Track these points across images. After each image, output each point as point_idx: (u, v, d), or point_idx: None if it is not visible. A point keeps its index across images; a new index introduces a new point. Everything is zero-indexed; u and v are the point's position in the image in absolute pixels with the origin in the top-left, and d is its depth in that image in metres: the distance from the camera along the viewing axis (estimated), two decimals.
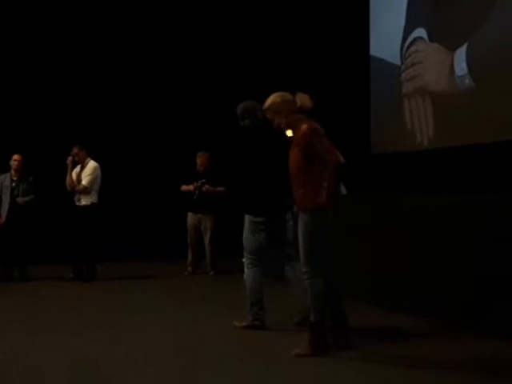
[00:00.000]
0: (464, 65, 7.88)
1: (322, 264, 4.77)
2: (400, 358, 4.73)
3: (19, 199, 9.10)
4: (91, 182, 9.03)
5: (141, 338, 5.50)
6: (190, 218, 9.53)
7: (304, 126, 4.75)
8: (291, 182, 4.86)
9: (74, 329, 5.91)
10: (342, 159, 4.66)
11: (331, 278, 4.85)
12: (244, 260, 5.86)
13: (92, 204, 9.02)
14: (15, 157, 9.24)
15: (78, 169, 9.14)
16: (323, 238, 4.74)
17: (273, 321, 5.76)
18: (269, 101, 5.05)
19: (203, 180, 9.31)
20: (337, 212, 4.78)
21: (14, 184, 9.18)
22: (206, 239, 9.46)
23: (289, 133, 7.21)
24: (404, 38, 9.17)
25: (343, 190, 4.86)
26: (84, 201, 9.02)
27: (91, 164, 9.14)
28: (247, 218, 5.77)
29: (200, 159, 9.52)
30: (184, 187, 9.46)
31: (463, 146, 7.81)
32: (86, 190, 9.00)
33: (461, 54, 7.93)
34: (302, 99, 4.95)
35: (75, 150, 9.10)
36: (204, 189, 9.29)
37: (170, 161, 11.24)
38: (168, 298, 7.60)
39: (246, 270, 5.80)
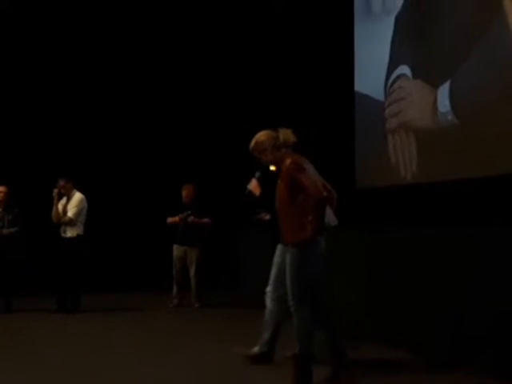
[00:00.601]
0: (447, 102, 8.01)
1: (310, 298, 4.80)
2: None
3: (4, 230, 9.10)
4: (77, 214, 9.04)
5: (122, 373, 5.47)
6: (176, 250, 9.54)
7: (288, 161, 4.86)
8: (278, 216, 4.91)
9: (54, 364, 5.87)
10: (324, 193, 4.73)
11: (324, 313, 4.90)
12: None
13: (78, 236, 9.02)
14: (0, 188, 9.26)
15: (63, 200, 9.15)
16: (311, 271, 4.79)
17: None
18: (253, 141, 5.17)
19: (189, 211, 9.36)
20: (327, 243, 4.85)
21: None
22: (192, 271, 9.46)
23: (272, 167, 7.34)
24: (388, 75, 9.31)
25: (334, 221, 4.90)
26: (70, 233, 9.03)
27: (77, 196, 9.16)
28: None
29: (185, 191, 9.59)
30: (170, 219, 9.50)
31: (446, 182, 7.90)
32: (71, 222, 9.01)
33: (444, 90, 8.06)
34: (285, 134, 5.07)
35: (61, 183, 9.13)
36: (190, 220, 9.34)
37: (156, 193, 11.27)
38: (153, 331, 7.58)
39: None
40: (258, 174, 5.71)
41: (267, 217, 6.11)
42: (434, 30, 8.44)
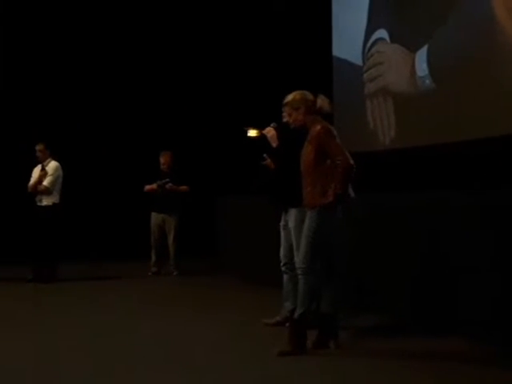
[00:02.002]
0: (425, 65, 7.98)
1: (322, 264, 4.80)
2: (382, 353, 4.78)
3: None
4: (53, 183, 8.92)
5: (100, 342, 5.44)
6: (154, 217, 9.48)
7: (318, 126, 4.87)
8: (301, 178, 4.92)
9: (29, 328, 5.84)
10: (352, 162, 4.75)
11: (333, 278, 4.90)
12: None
13: (53, 204, 8.90)
14: None
15: (38, 168, 9.03)
16: (326, 237, 4.81)
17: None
18: (290, 96, 5.09)
19: (167, 179, 9.27)
20: (346, 214, 4.84)
21: None
22: (170, 239, 9.40)
23: (252, 133, 7.28)
24: (366, 39, 9.25)
25: (351, 193, 4.89)
26: (45, 201, 8.91)
27: (52, 164, 9.02)
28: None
29: (163, 158, 9.49)
30: (147, 187, 9.42)
31: (424, 146, 7.90)
32: (47, 191, 8.90)
33: (422, 54, 8.03)
34: (323, 102, 5.04)
35: (40, 147, 8.99)
36: (168, 187, 9.26)
37: (133, 160, 11.18)
38: (130, 299, 7.53)
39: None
40: (274, 124, 5.65)
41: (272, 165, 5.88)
42: None
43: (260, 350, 4.93)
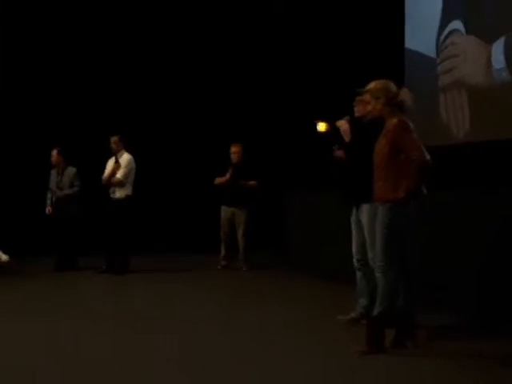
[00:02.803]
0: (502, 58, 7.77)
1: (398, 260, 4.70)
2: (461, 353, 4.67)
3: (59, 192, 9.45)
4: (126, 175, 9.06)
5: (173, 330, 5.50)
6: (224, 211, 9.51)
7: (395, 120, 4.73)
8: (373, 172, 4.83)
9: (102, 322, 5.89)
10: (428, 157, 4.61)
11: (407, 275, 4.79)
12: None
13: (126, 197, 9.05)
14: (53, 153, 9.59)
15: (112, 161, 9.19)
16: (400, 233, 4.69)
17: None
18: (372, 84, 4.93)
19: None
20: (419, 211, 4.72)
21: (58, 178, 9.57)
22: (239, 233, 9.42)
23: (321, 126, 7.11)
24: (440, 31, 9.05)
25: (424, 190, 4.76)
26: (118, 193, 9.06)
27: (125, 156, 9.17)
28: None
29: (234, 149, 9.50)
30: (218, 180, 9.45)
31: (499, 140, 7.69)
32: (120, 183, 9.05)
33: (498, 46, 7.81)
34: (406, 96, 4.90)
35: (114, 139, 9.16)
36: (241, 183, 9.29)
37: (204, 153, 11.27)
38: (200, 291, 7.61)
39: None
40: (348, 117, 5.58)
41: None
42: None
43: (337, 348, 4.87)
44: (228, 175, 9.37)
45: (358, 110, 5.50)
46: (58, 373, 4.33)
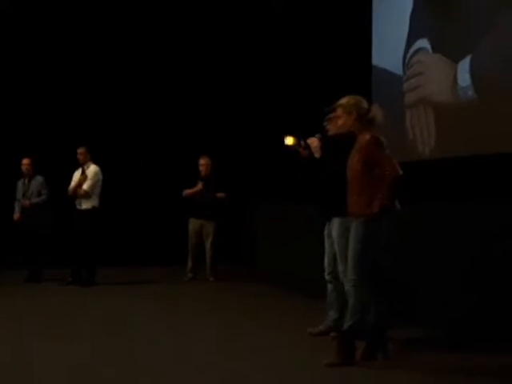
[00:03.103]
0: (467, 76, 7.91)
1: (370, 274, 4.75)
2: (431, 366, 4.73)
3: (28, 201, 9.38)
4: (92, 186, 9.02)
5: (138, 345, 5.47)
6: (192, 223, 9.52)
7: (367, 135, 4.79)
8: (347, 187, 4.88)
9: (71, 335, 5.86)
10: (401, 172, 4.69)
11: (378, 288, 4.85)
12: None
13: (93, 208, 9.01)
14: (24, 161, 9.54)
15: (78, 173, 9.13)
16: (373, 247, 4.74)
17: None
18: (345, 99, 4.99)
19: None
20: (391, 226, 4.78)
21: (25, 186, 9.48)
22: (208, 245, 9.44)
23: (289, 140, 7.26)
24: (407, 48, 9.19)
25: (397, 205, 4.83)
26: (85, 205, 9.01)
27: (92, 168, 9.14)
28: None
29: (202, 161, 9.53)
30: (186, 191, 9.45)
31: (465, 157, 7.83)
32: (87, 195, 8.99)
33: (464, 65, 7.96)
34: (376, 111, 4.97)
35: (81, 150, 9.11)
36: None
37: (172, 165, 11.23)
38: (168, 304, 7.58)
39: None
40: (318, 135, 5.67)
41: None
42: (456, 2, 8.32)
43: (305, 360, 4.90)
44: (199, 186, 9.38)
45: (330, 129, 5.58)
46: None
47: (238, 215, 10.67)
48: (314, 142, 5.65)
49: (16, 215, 9.51)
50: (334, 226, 5.44)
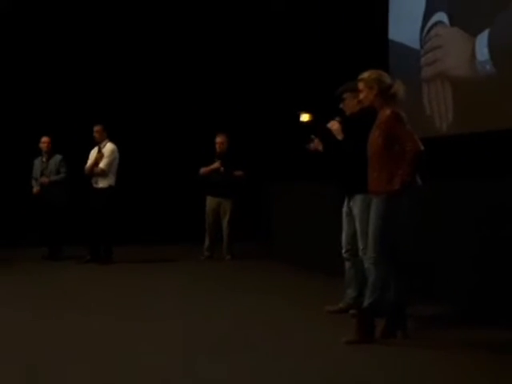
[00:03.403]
0: (486, 50, 7.80)
1: (390, 251, 4.71)
2: (451, 343, 4.71)
3: (45, 179, 9.40)
4: (109, 165, 9.03)
5: (157, 320, 5.51)
6: (209, 201, 9.50)
7: (388, 111, 4.73)
8: (367, 163, 4.84)
9: (85, 311, 5.89)
10: (422, 148, 4.63)
11: (398, 266, 4.80)
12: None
13: (109, 186, 9.02)
14: (44, 139, 9.55)
15: (95, 151, 9.14)
16: (394, 224, 4.70)
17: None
18: (367, 73, 4.92)
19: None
20: (412, 201, 4.73)
21: (44, 164, 9.51)
22: (224, 223, 9.43)
23: (304, 117, 7.15)
24: (424, 22, 9.06)
25: (419, 181, 4.77)
26: (101, 183, 9.03)
27: (109, 146, 9.13)
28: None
29: (219, 139, 9.49)
30: (203, 169, 9.44)
31: (482, 133, 7.75)
32: (103, 173, 9.00)
33: (482, 39, 7.84)
34: (399, 86, 4.88)
35: (97, 128, 9.11)
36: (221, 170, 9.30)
37: (189, 143, 11.22)
38: (182, 283, 7.59)
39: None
40: (338, 118, 5.62)
41: (320, 147, 5.84)
42: None
43: (325, 338, 4.89)
44: (216, 165, 9.36)
45: (348, 108, 5.54)
46: (45, 360, 4.33)
47: (254, 193, 10.66)
48: (334, 124, 5.60)
49: (36, 189, 9.48)
50: (356, 203, 5.40)
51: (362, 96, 4.95)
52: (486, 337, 4.88)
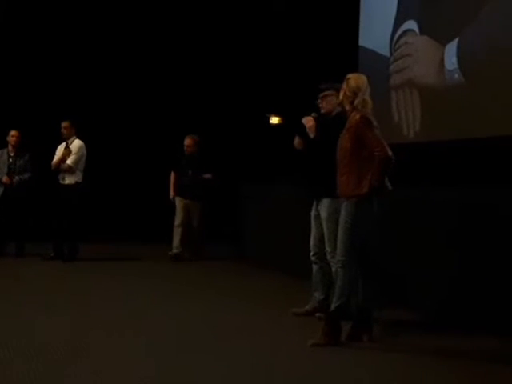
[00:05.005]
0: (454, 59, 7.92)
1: (358, 255, 4.76)
2: (416, 348, 4.76)
3: (15, 178, 9.20)
4: (76, 161, 8.95)
5: (119, 318, 5.49)
6: (179, 202, 9.46)
7: (358, 115, 4.78)
8: (336, 167, 4.87)
9: (49, 309, 5.84)
10: (390, 153, 4.67)
11: (366, 270, 4.86)
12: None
13: (76, 183, 8.94)
14: (12, 132, 9.33)
15: (62, 147, 9.06)
16: (363, 229, 4.75)
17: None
18: (356, 78, 4.93)
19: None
20: (382, 206, 4.78)
21: (10, 160, 9.28)
22: (193, 224, 9.41)
23: (274, 120, 7.13)
24: (394, 30, 9.17)
25: (389, 186, 4.81)
26: (68, 180, 8.94)
27: (76, 143, 9.05)
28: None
29: (187, 141, 9.47)
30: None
31: (449, 141, 7.85)
32: (70, 169, 8.92)
33: (451, 48, 7.96)
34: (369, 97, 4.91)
35: (65, 124, 9.01)
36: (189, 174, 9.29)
37: (158, 142, 11.18)
38: (149, 281, 7.57)
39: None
40: (314, 114, 5.59)
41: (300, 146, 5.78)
42: None
43: (291, 340, 4.92)
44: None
45: (323, 106, 5.55)
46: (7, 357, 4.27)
47: (223, 195, 10.64)
48: (309, 121, 5.56)
49: (5, 178, 9.22)
50: (323, 207, 5.44)
51: (341, 95, 4.95)
52: (454, 342, 4.95)
